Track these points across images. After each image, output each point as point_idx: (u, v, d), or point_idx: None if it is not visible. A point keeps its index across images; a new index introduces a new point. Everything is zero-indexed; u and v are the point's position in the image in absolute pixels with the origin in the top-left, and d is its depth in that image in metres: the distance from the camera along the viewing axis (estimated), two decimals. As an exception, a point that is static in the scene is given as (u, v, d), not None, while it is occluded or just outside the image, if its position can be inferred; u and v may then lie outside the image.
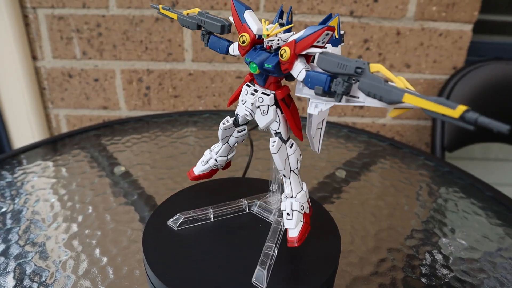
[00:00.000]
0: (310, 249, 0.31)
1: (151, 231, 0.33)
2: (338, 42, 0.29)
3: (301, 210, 0.30)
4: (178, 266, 0.29)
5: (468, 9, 0.80)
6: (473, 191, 0.52)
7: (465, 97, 0.82)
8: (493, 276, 0.38)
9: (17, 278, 0.36)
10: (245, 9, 0.29)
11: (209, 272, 0.29)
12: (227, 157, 0.36)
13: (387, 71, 0.22)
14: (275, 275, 0.29)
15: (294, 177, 0.30)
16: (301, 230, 0.29)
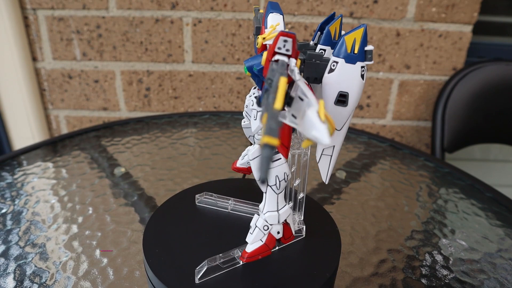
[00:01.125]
0: (310, 250, 0.31)
1: (152, 232, 0.33)
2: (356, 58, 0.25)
3: (264, 229, 0.29)
4: (178, 267, 0.29)
5: (468, 10, 0.80)
6: (473, 192, 0.52)
7: (465, 98, 0.82)
8: (493, 277, 0.38)
9: (17, 279, 0.36)
10: (271, 12, 0.29)
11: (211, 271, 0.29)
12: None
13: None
14: (276, 276, 0.29)
15: (270, 193, 0.28)
16: (255, 249, 0.29)
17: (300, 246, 0.31)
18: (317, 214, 0.35)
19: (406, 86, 0.87)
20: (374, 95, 0.88)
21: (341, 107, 0.26)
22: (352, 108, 0.27)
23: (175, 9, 0.81)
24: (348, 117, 0.26)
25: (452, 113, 0.81)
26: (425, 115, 0.91)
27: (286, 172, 0.28)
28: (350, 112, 0.27)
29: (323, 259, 0.30)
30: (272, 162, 0.27)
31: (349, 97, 0.26)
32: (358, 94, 0.26)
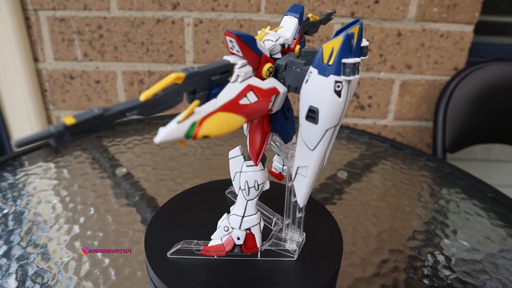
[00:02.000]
0: (312, 250, 0.31)
1: (153, 232, 0.33)
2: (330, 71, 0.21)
3: (224, 230, 0.29)
4: (180, 268, 0.29)
5: (469, 10, 0.80)
6: (474, 192, 0.52)
7: (466, 98, 0.82)
8: (495, 277, 0.38)
9: (19, 280, 0.36)
10: (286, 14, 0.27)
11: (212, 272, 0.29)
12: (282, 165, 0.34)
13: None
14: (277, 276, 0.29)
15: (240, 197, 0.28)
16: (212, 245, 0.29)
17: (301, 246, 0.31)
18: (319, 214, 0.35)
19: (408, 86, 0.87)
20: (376, 95, 0.88)
21: (312, 123, 0.22)
22: (325, 127, 0.22)
23: (176, 9, 0.81)
24: (322, 136, 0.23)
25: (454, 113, 0.81)
26: (427, 115, 0.91)
27: (257, 181, 0.27)
28: (322, 132, 0.23)
29: (325, 259, 0.30)
30: (246, 166, 0.27)
31: (320, 113, 0.22)
32: (329, 112, 0.22)
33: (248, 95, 0.22)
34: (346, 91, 0.21)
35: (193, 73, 0.20)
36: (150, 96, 0.18)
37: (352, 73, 0.20)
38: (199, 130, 0.18)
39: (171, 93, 0.20)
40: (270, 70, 0.24)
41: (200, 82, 0.21)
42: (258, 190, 0.28)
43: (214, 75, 0.22)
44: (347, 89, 0.21)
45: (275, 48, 0.25)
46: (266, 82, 0.23)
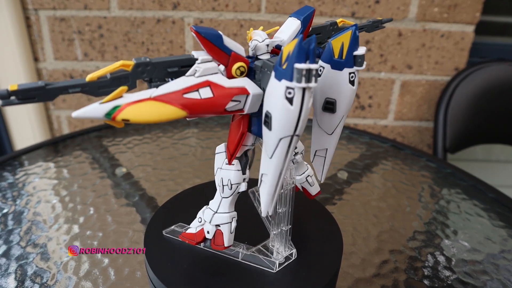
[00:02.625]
0: (312, 251, 0.31)
1: (153, 232, 0.33)
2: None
3: (198, 221, 0.29)
4: (180, 268, 0.29)
5: (470, 10, 0.80)
6: (475, 193, 0.52)
7: (467, 99, 0.81)
8: (496, 278, 0.37)
9: (18, 279, 0.35)
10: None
11: (212, 272, 0.29)
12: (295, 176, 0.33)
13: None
14: (277, 277, 0.29)
15: (217, 192, 0.28)
16: (188, 233, 0.30)
17: (302, 246, 0.31)
18: (319, 214, 0.35)
19: (408, 87, 0.87)
20: (376, 95, 0.88)
21: (267, 129, 0.21)
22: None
23: (177, 9, 0.81)
24: (276, 144, 0.22)
25: (454, 114, 0.81)
26: (427, 116, 0.90)
27: (231, 180, 0.27)
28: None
29: (325, 259, 0.30)
30: (225, 164, 0.27)
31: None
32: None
33: (201, 90, 0.22)
34: (300, 99, 0.19)
35: (143, 62, 0.21)
36: (94, 78, 0.20)
37: (306, 80, 0.19)
38: (119, 114, 0.19)
39: (120, 78, 0.21)
40: (241, 69, 0.23)
41: (154, 72, 0.22)
42: (232, 190, 0.27)
43: (171, 67, 0.22)
44: (300, 97, 0.19)
45: (261, 48, 0.25)
46: (233, 81, 0.23)
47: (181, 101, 0.21)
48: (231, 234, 0.29)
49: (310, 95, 0.20)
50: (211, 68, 0.22)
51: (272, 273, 0.29)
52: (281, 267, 0.29)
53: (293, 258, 0.30)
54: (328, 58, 0.23)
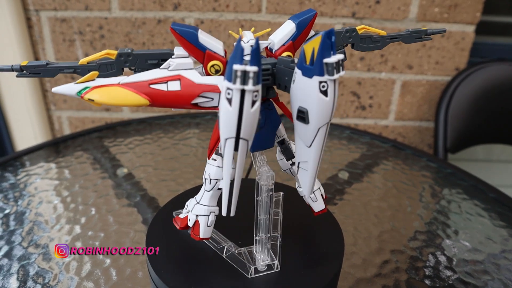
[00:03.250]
0: (313, 251, 0.31)
1: (155, 232, 0.33)
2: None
3: (185, 208, 0.31)
4: (181, 268, 0.29)
5: (471, 10, 0.80)
6: (476, 193, 0.52)
7: (468, 99, 0.82)
8: (497, 278, 0.38)
9: (20, 280, 0.36)
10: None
11: (213, 273, 0.29)
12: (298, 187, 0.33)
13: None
14: (279, 276, 0.29)
15: (203, 184, 0.29)
16: (177, 218, 0.32)
17: (303, 247, 0.31)
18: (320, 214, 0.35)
19: (409, 87, 0.87)
20: (377, 96, 0.88)
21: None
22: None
23: (177, 10, 0.81)
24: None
25: (455, 114, 0.81)
26: (428, 116, 0.90)
27: (210, 174, 0.28)
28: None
29: (326, 259, 0.30)
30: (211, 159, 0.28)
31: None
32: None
33: (170, 83, 0.23)
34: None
35: (125, 53, 0.24)
36: (84, 62, 0.25)
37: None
38: (87, 94, 0.23)
39: (106, 64, 0.25)
40: (215, 67, 0.24)
41: (136, 63, 0.25)
42: (211, 185, 0.28)
43: (151, 60, 0.25)
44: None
45: (245, 49, 0.25)
46: (207, 78, 0.24)
47: (145, 90, 0.23)
48: (208, 227, 0.30)
49: (252, 98, 0.20)
50: (185, 63, 0.24)
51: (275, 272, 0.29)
52: (259, 274, 0.29)
53: (275, 270, 0.29)
54: (299, 64, 0.22)
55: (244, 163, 0.23)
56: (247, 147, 0.22)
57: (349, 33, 0.29)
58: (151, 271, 0.29)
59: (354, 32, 0.29)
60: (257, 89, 0.20)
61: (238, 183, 0.23)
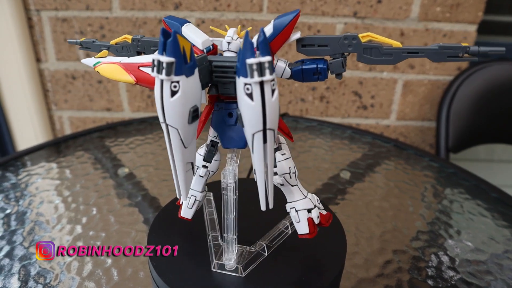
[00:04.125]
0: (315, 251, 0.31)
1: (156, 232, 0.33)
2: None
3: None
4: (183, 268, 0.29)
5: (472, 9, 0.80)
6: (478, 193, 0.52)
7: (470, 98, 0.81)
8: (500, 278, 0.37)
9: (21, 280, 0.35)
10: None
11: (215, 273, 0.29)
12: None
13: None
14: (281, 276, 0.29)
15: None
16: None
17: (305, 246, 0.31)
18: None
19: (410, 86, 0.87)
20: (378, 95, 0.88)
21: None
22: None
23: (179, 9, 0.81)
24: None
25: (457, 113, 0.81)
26: (429, 115, 0.90)
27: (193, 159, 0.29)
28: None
29: (329, 259, 0.30)
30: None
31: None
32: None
33: None
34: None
35: (136, 39, 0.29)
36: (113, 43, 0.30)
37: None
38: (97, 67, 0.28)
39: (127, 47, 0.30)
40: None
41: (145, 48, 0.29)
42: (194, 170, 0.28)
43: (153, 47, 0.29)
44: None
45: (223, 45, 0.26)
46: None
47: (134, 72, 0.26)
48: (188, 209, 0.32)
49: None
50: None
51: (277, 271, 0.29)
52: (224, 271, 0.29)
53: (240, 275, 0.29)
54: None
55: (186, 151, 0.23)
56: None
57: (348, 41, 0.25)
58: (153, 271, 0.29)
59: (355, 40, 0.25)
60: (174, 79, 0.20)
61: (180, 168, 0.24)
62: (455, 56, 0.24)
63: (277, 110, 0.21)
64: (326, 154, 0.61)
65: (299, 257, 0.31)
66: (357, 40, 0.25)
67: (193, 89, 0.21)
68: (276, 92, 0.20)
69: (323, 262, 0.30)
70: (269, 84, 0.20)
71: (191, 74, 0.21)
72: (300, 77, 0.26)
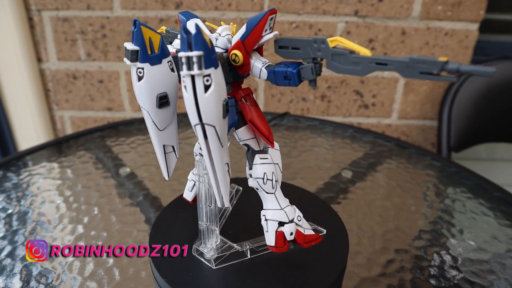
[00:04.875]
0: (318, 250, 0.31)
1: (158, 232, 0.32)
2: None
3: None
4: (185, 268, 0.29)
5: (474, 8, 0.79)
6: (481, 192, 0.52)
7: (472, 97, 0.81)
8: (503, 278, 0.37)
9: (23, 280, 0.35)
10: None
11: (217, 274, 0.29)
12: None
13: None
14: (283, 276, 0.28)
15: None
16: None
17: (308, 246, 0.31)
18: (325, 213, 0.35)
19: (412, 85, 0.87)
20: (380, 94, 0.87)
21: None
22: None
23: (180, 9, 0.80)
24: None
25: (459, 112, 0.81)
26: (431, 114, 0.90)
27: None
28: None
29: (331, 259, 0.30)
30: None
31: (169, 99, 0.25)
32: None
33: None
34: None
35: (167, 30, 0.30)
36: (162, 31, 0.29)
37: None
38: None
39: (165, 37, 0.29)
40: None
41: (172, 39, 0.29)
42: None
43: (176, 38, 0.29)
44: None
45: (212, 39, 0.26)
46: None
47: None
48: (188, 192, 0.34)
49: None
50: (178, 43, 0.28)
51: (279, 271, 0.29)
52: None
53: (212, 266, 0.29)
54: None
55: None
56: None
57: (318, 44, 0.23)
58: (155, 271, 0.29)
59: (324, 44, 0.23)
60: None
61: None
62: (429, 73, 0.20)
63: (213, 107, 0.20)
64: (327, 153, 0.61)
65: (301, 256, 0.31)
66: (326, 44, 0.22)
67: (159, 76, 0.24)
68: (211, 88, 0.20)
69: (325, 261, 0.30)
70: (200, 78, 0.20)
71: (157, 63, 0.23)
72: (273, 80, 0.25)
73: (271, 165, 0.27)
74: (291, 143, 0.63)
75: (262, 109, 0.87)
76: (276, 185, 0.27)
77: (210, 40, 0.21)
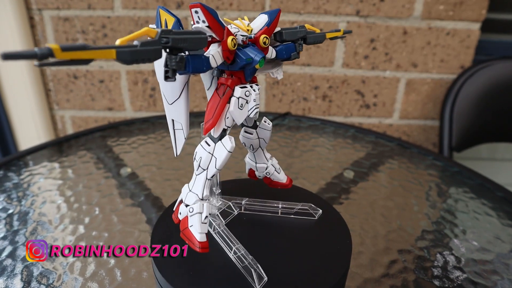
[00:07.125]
0: (320, 250, 0.31)
1: (160, 232, 0.32)
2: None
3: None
4: (186, 268, 0.29)
5: (476, 7, 0.79)
6: (483, 192, 0.51)
7: (473, 97, 0.81)
8: (507, 278, 0.37)
9: (24, 280, 0.35)
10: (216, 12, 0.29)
11: (218, 274, 0.29)
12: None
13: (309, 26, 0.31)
14: (286, 276, 0.28)
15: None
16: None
17: (310, 246, 0.31)
18: (327, 214, 0.35)
19: (413, 85, 0.86)
20: (381, 94, 0.87)
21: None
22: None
23: (181, 8, 0.80)
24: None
25: (460, 112, 0.80)
26: (433, 114, 0.90)
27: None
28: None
29: (334, 259, 0.30)
30: None
31: None
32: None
33: None
34: None
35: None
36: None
37: None
38: None
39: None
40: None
41: None
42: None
43: None
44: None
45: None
46: None
47: None
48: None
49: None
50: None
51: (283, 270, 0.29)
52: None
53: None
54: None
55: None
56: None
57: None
58: (156, 272, 0.29)
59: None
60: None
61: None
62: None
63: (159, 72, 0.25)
64: (329, 153, 0.60)
65: (304, 257, 0.30)
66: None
67: None
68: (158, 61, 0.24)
69: (328, 262, 0.30)
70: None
71: None
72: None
73: (208, 154, 0.29)
74: (292, 143, 0.63)
75: (263, 109, 0.87)
76: (202, 171, 0.30)
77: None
